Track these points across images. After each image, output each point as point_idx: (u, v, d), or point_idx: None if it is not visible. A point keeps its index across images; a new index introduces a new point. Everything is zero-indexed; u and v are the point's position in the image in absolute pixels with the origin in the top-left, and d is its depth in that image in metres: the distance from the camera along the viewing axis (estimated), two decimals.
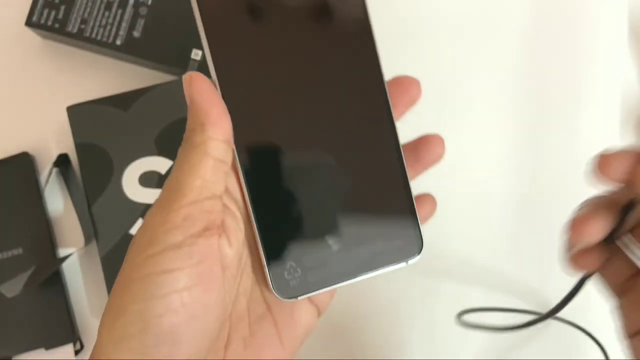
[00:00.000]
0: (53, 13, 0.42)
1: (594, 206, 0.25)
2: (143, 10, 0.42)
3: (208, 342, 0.23)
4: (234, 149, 0.24)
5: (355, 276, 0.25)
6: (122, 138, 0.40)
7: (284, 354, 0.26)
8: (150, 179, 0.40)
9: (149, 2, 0.42)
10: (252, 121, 0.25)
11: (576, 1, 0.47)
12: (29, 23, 0.42)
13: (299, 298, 0.25)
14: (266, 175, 0.25)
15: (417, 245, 0.26)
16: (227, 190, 0.25)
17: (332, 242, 0.25)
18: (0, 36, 0.45)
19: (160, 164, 0.40)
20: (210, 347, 0.24)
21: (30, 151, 0.42)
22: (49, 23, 0.41)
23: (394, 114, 0.26)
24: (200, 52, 0.41)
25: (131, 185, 0.40)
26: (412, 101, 0.27)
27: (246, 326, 0.25)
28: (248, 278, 0.26)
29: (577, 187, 0.45)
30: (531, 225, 0.44)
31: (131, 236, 0.39)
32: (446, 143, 0.27)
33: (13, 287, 0.37)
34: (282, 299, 0.25)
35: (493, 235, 0.44)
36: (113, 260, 0.39)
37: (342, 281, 0.25)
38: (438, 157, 0.27)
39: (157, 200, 0.23)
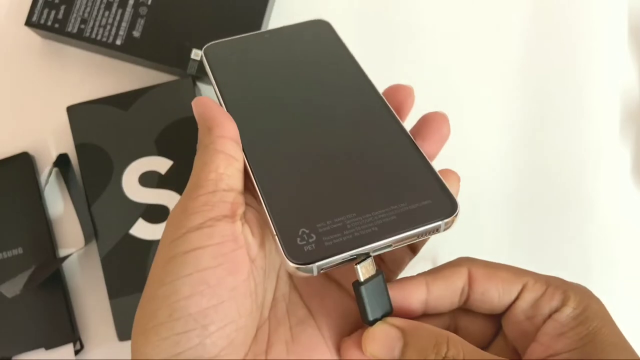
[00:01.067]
0: (53, 13, 0.42)
1: None
2: (143, 10, 0.42)
3: (242, 336, 0.23)
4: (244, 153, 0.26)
5: (380, 238, 0.22)
6: (122, 138, 0.40)
7: None
8: (150, 179, 0.40)
9: (149, 2, 0.42)
10: (256, 124, 0.27)
11: (576, 1, 0.47)
12: (29, 23, 0.42)
13: (318, 264, 0.22)
14: (269, 150, 0.26)
15: (450, 203, 0.24)
16: (247, 191, 0.25)
17: (348, 209, 0.23)
18: (0, 36, 0.45)
19: (160, 164, 0.40)
20: (247, 347, 0.23)
21: (30, 151, 0.42)
22: (49, 23, 0.41)
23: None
24: (200, 52, 0.41)
25: (131, 185, 0.40)
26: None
27: (287, 329, 0.25)
28: (285, 285, 0.26)
29: (577, 187, 0.45)
30: (531, 227, 0.44)
31: (131, 236, 0.39)
32: (445, 144, 0.27)
33: (13, 287, 0.37)
34: (298, 267, 0.22)
35: (492, 237, 0.44)
36: (113, 260, 0.39)
37: (367, 244, 0.22)
38: (444, 137, 0.27)
39: (179, 199, 0.24)
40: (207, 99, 0.26)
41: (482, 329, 0.27)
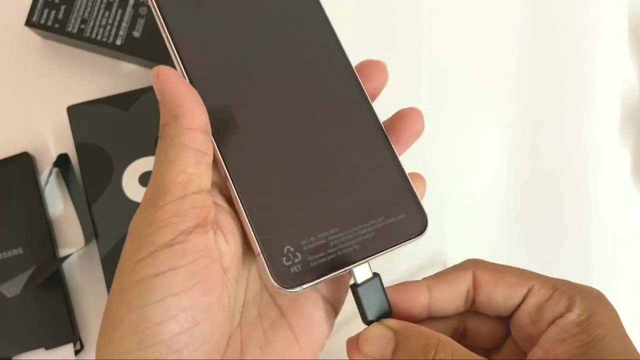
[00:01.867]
0: (53, 13, 0.41)
1: None
2: (143, 10, 0.42)
3: (216, 352, 0.22)
4: (213, 139, 0.23)
5: (361, 258, 0.24)
6: (122, 138, 0.40)
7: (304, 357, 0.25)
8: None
9: None
10: (227, 107, 0.24)
11: (576, 1, 0.47)
12: (29, 23, 0.41)
13: (304, 287, 0.22)
14: (250, 161, 0.24)
15: (422, 220, 0.25)
16: (212, 185, 0.23)
17: (330, 225, 0.24)
18: (0, 36, 0.45)
19: None
20: (220, 357, 0.23)
21: (30, 151, 0.42)
22: (49, 23, 0.41)
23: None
24: None
25: (131, 185, 0.40)
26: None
27: (260, 334, 0.24)
28: (255, 285, 0.25)
29: (577, 188, 0.45)
30: (531, 227, 0.44)
31: None
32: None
33: (13, 287, 0.37)
34: (284, 290, 0.22)
35: (493, 237, 0.44)
36: (113, 260, 0.39)
37: (349, 265, 0.23)
38: (418, 133, 0.26)
39: (142, 202, 0.22)
40: (172, 73, 0.22)
41: (492, 331, 0.26)
